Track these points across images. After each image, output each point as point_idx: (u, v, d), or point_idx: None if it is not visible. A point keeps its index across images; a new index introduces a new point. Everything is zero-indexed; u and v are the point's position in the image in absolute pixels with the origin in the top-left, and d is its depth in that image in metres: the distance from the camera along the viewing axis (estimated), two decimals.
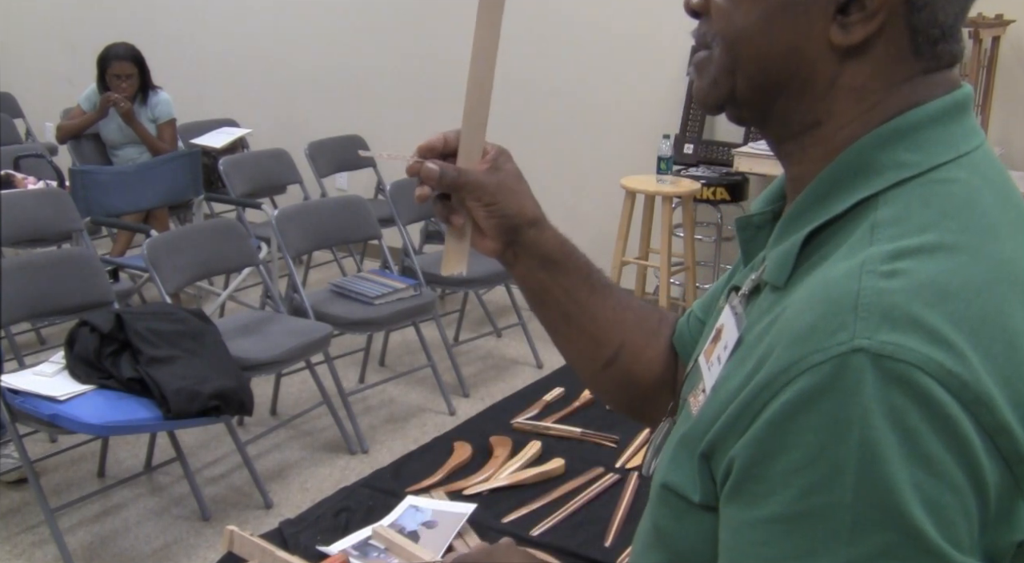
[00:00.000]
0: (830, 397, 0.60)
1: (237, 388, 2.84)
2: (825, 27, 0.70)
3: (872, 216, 0.68)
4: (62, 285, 3.02)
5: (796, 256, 0.71)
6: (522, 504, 1.79)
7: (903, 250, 0.64)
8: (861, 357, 0.59)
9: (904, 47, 0.70)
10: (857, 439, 0.59)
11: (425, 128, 5.00)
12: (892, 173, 0.69)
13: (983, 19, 3.57)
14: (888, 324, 0.60)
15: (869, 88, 0.71)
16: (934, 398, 0.59)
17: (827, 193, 0.71)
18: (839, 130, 0.72)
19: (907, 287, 0.62)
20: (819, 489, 0.60)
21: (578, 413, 2.18)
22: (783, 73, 0.73)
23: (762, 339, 0.68)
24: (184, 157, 4.49)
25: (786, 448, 0.61)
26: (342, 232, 3.93)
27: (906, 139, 0.70)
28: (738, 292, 0.79)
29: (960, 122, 0.72)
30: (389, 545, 1.58)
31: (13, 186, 4.07)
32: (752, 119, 0.78)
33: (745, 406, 0.65)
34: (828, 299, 0.63)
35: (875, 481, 0.59)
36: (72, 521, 2.96)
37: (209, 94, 5.91)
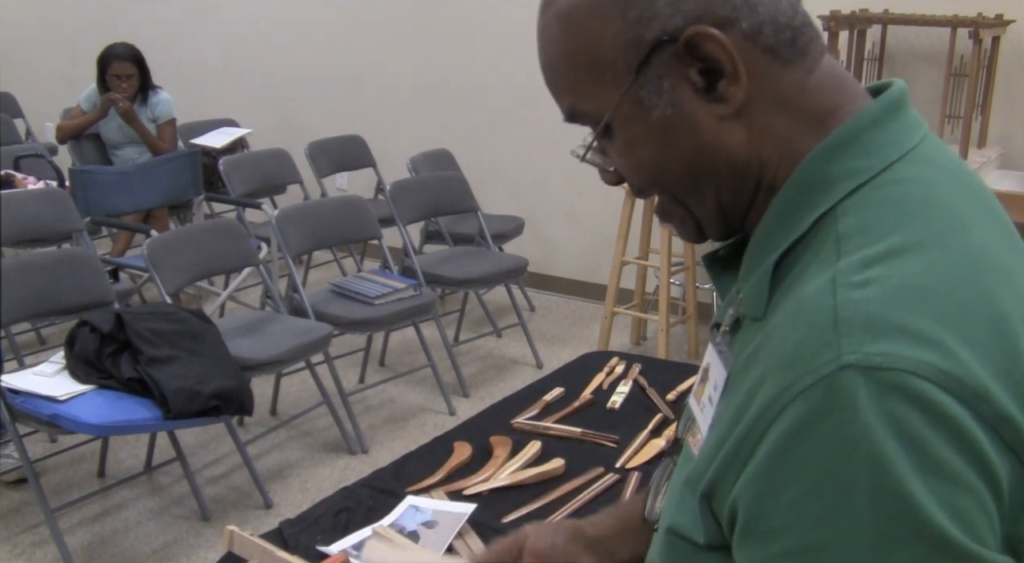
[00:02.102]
0: (828, 419, 0.59)
1: (237, 388, 2.84)
2: (707, 112, 0.72)
3: (835, 229, 0.68)
4: (62, 285, 3.02)
5: (769, 284, 0.71)
6: (522, 504, 1.78)
7: (872, 257, 0.64)
8: (851, 373, 0.59)
9: (773, 68, 0.71)
10: (864, 456, 0.58)
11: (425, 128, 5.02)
12: (845, 183, 0.69)
13: (983, 19, 3.57)
14: (871, 334, 0.60)
15: (775, 120, 0.72)
16: (932, 400, 0.58)
17: (786, 216, 0.72)
18: (778, 169, 0.73)
19: (883, 294, 0.61)
20: (834, 514, 0.59)
21: (578, 413, 2.18)
22: (709, 172, 0.74)
23: (748, 371, 0.67)
24: (184, 157, 4.49)
25: (792, 478, 0.60)
26: (342, 232, 3.93)
27: (852, 147, 0.70)
28: (719, 328, 0.78)
29: (900, 119, 0.72)
30: (389, 545, 1.58)
31: (13, 186, 4.07)
32: (720, 227, 0.78)
33: (741, 441, 0.64)
34: (806, 320, 0.63)
35: (890, 495, 0.57)
36: (72, 521, 2.96)
37: (209, 94, 5.91)
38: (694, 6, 0.70)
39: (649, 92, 0.72)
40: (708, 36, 0.69)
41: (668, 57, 0.71)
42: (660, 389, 2.28)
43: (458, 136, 5.12)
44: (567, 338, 4.54)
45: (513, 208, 4.93)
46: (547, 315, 4.86)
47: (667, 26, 0.70)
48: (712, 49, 0.70)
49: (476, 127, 5.16)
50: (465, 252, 4.32)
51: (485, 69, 5.11)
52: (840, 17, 3.71)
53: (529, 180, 5.08)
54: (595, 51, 0.73)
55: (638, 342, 4.49)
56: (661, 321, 4.00)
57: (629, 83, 0.72)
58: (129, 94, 4.56)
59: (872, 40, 3.95)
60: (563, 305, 5.00)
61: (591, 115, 0.76)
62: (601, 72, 0.73)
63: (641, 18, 0.71)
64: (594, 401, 2.24)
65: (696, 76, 0.71)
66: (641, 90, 0.72)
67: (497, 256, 4.32)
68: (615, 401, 2.22)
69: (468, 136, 5.15)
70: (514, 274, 4.20)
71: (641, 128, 0.74)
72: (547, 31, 0.76)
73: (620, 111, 0.74)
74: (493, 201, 4.93)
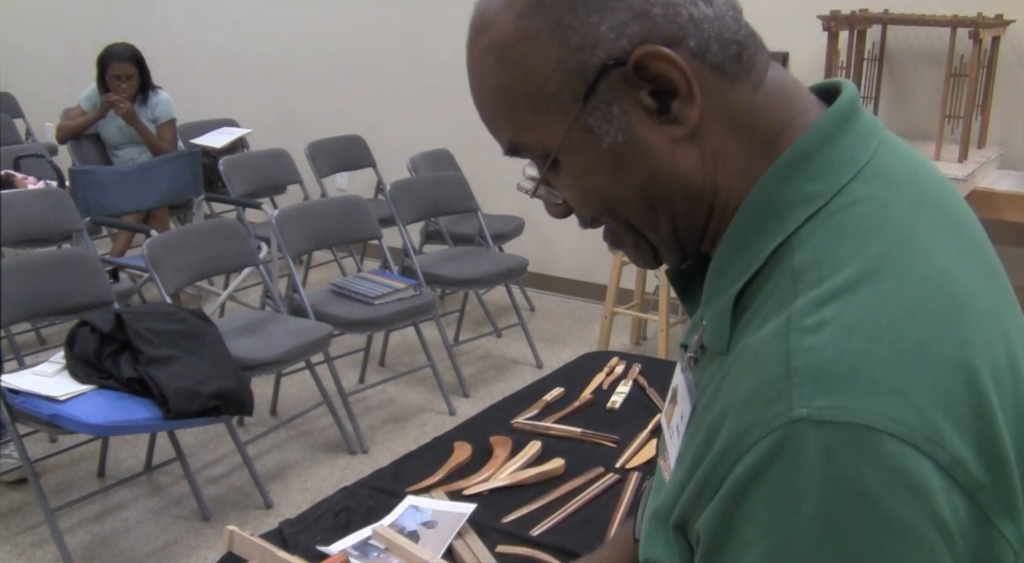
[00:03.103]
0: (776, 470, 0.59)
1: (237, 388, 2.84)
2: (661, 134, 0.69)
3: (791, 262, 0.66)
4: (62, 285, 3.02)
5: (730, 319, 0.70)
6: (522, 504, 1.79)
7: (826, 295, 0.63)
8: (802, 427, 0.58)
9: (722, 85, 0.69)
10: (807, 512, 0.58)
11: (425, 128, 5.03)
12: (799, 210, 0.68)
13: (983, 19, 3.57)
14: (823, 386, 0.59)
15: (726, 143, 0.70)
16: (885, 453, 0.57)
17: (743, 245, 0.70)
18: (730, 193, 0.71)
19: (835, 337, 0.60)
20: (774, 561, 0.59)
21: (578, 413, 2.18)
22: (663, 197, 0.72)
23: (711, 408, 0.67)
24: (184, 157, 4.49)
25: (741, 522, 0.61)
26: (342, 232, 3.93)
27: (802, 169, 0.69)
28: (687, 350, 0.77)
29: (852, 130, 0.70)
30: (389, 545, 1.58)
31: (13, 186, 4.07)
32: (676, 253, 0.76)
33: (705, 481, 0.64)
34: (761, 366, 0.62)
35: (831, 550, 0.57)
36: (72, 521, 2.96)
37: (209, 94, 5.91)
38: (638, 28, 0.68)
39: (598, 119, 0.70)
40: (659, 55, 0.67)
41: (616, 81, 0.69)
42: (660, 389, 2.28)
43: (458, 136, 5.11)
44: (567, 338, 4.54)
45: (513, 208, 4.93)
46: (547, 315, 4.86)
47: (612, 50, 0.68)
48: (664, 69, 0.67)
49: (476, 127, 5.13)
50: (465, 252, 4.32)
51: None
52: (840, 17, 3.71)
53: None
54: (535, 82, 0.70)
55: (638, 342, 4.49)
56: (661, 321, 4.00)
57: (577, 112, 0.70)
58: (129, 94, 4.56)
59: (872, 40, 3.95)
60: (563, 305, 5.00)
61: (535, 148, 0.74)
62: (544, 103, 0.71)
63: (583, 45, 0.68)
64: (594, 401, 2.24)
65: (648, 98, 0.69)
66: (589, 118, 0.70)
67: (497, 256, 4.32)
68: (615, 401, 2.22)
69: (468, 136, 5.14)
70: (514, 274, 4.20)
71: (592, 157, 0.71)
72: (479, 63, 0.74)
73: (568, 141, 0.71)
74: (493, 201, 4.93)
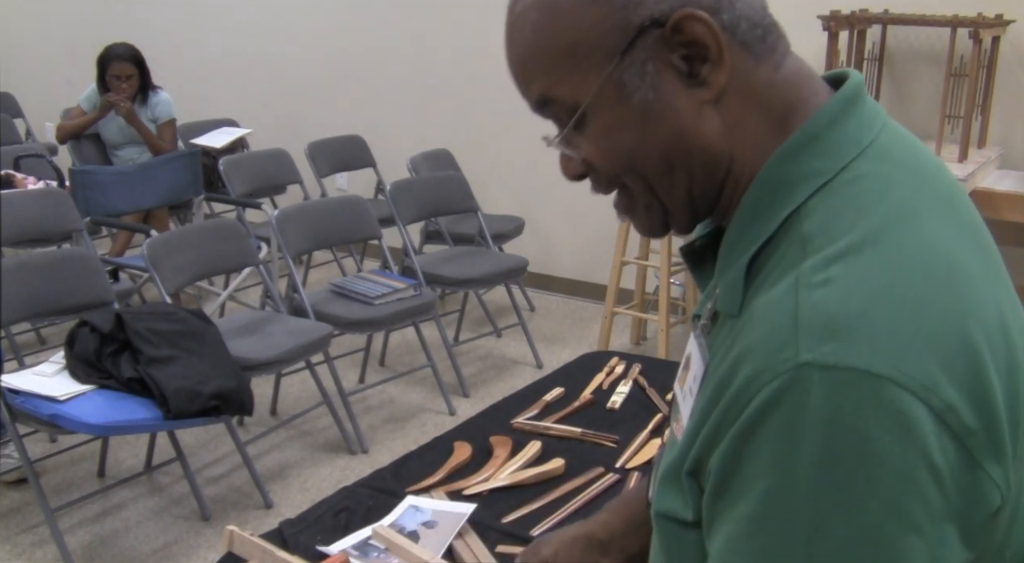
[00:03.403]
0: (781, 411, 0.64)
1: (237, 388, 2.84)
2: (688, 97, 0.74)
3: (800, 229, 0.71)
4: (62, 285, 3.02)
5: (743, 284, 0.74)
6: (522, 504, 1.78)
7: (832, 256, 0.68)
8: (807, 370, 0.63)
9: (747, 62, 0.74)
10: (810, 449, 0.62)
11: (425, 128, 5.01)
12: (807, 184, 0.73)
13: (983, 19, 3.57)
14: (827, 334, 0.64)
15: (746, 115, 0.75)
16: (883, 396, 0.62)
17: (755, 216, 0.75)
18: (745, 163, 0.76)
19: (840, 293, 0.65)
20: (776, 495, 0.64)
21: (578, 413, 2.18)
22: (685, 158, 0.76)
23: (722, 365, 0.71)
24: (184, 157, 4.49)
25: (747, 458, 0.66)
26: (342, 232, 3.93)
27: (810, 148, 0.73)
28: (699, 320, 0.81)
29: (856, 113, 0.75)
30: (389, 545, 1.58)
31: (13, 186, 4.07)
32: (688, 217, 0.80)
33: (719, 423, 0.68)
34: (771, 318, 0.67)
35: (829, 485, 0.62)
36: (72, 521, 2.96)
37: (209, 94, 5.91)
38: None
39: (632, 76, 0.73)
40: (697, 18, 0.72)
41: (653, 41, 0.73)
42: (660, 389, 2.28)
43: (458, 136, 5.12)
44: (567, 338, 4.54)
45: (513, 208, 4.93)
46: (547, 315, 4.86)
47: (654, 11, 0.72)
48: (699, 32, 0.72)
49: (476, 127, 5.16)
50: (465, 252, 4.32)
51: (485, 69, 5.10)
52: (840, 17, 3.71)
53: (529, 180, 5.08)
54: (576, 36, 0.74)
55: (638, 342, 4.49)
56: (661, 321, 4.00)
57: (612, 67, 0.73)
58: (129, 94, 4.56)
59: (872, 40, 3.95)
60: (563, 305, 5.00)
61: (564, 102, 0.77)
62: (582, 57, 0.74)
63: (628, 3, 0.72)
64: (594, 401, 2.24)
65: (679, 61, 0.73)
66: (624, 74, 0.74)
67: (497, 256, 4.32)
68: (615, 401, 2.22)
69: (468, 136, 5.15)
70: (514, 274, 4.20)
71: (620, 112, 0.75)
72: (524, 18, 0.77)
73: (599, 96, 0.75)
74: (493, 201, 4.93)
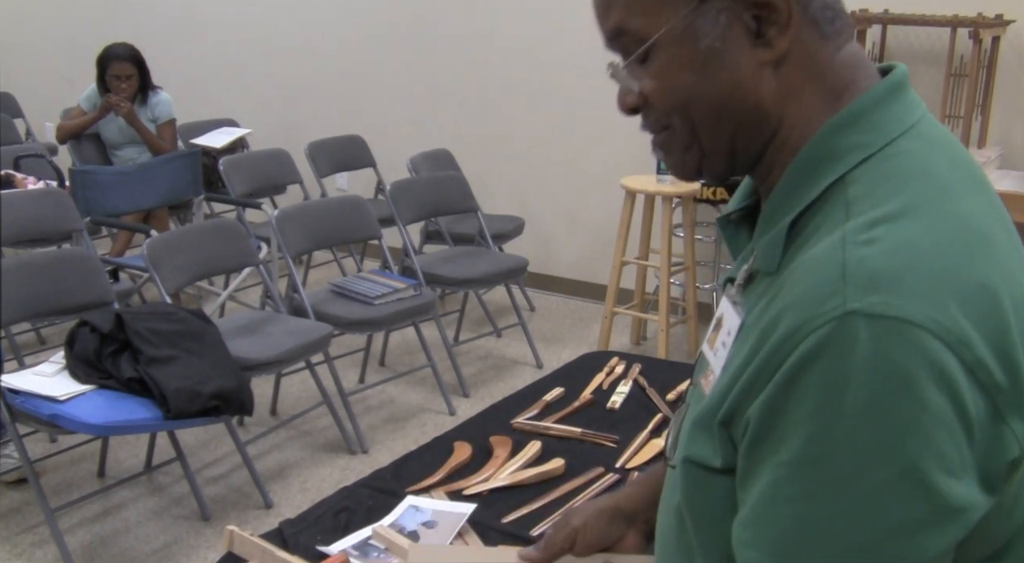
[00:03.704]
0: (828, 356, 0.67)
1: (237, 388, 2.84)
2: (751, 54, 0.79)
3: (844, 195, 0.76)
4: (62, 285, 3.02)
5: (784, 242, 0.79)
6: (522, 504, 1.78)
7: (875, 219, 0.72)
8: (854, 318, 0.67)
9: (814, 37, 0.80)
10: (855, 392, 0.66)
11: (425, 128, 5.00)
12: (853, 155, 0.78)
13: (983, 19, 3.57)
14: (873, 286, 0.68)
15: (802, 85, 0.80)
16: (923, 345, 0.66)
17: (800, 182, 0.80)
18: (793, 129, 0.81)
19: (884, 251, 0.70)
20: (824, 436, 0.68)
21: (578, 413, 2.18)
22: (736, 112, 0.81)
23: (762, 318, 0.75)
24: (184, 157, 4.49)
25: (793, 402, 0.69)
26: (342, 232, 3.93)
27: (858, 124, 0.79)
28: (734, 283, 0.85)
29: (901, 99, 0.81)
30: (389, 545, 1.58)
31: (13, 186, 4.07)
32: (724, 167, 0.85)
33: (758, 374, 0.72)
34: (818, 271, 0.71)
35: (873, 426, 0.66)
36: (72, 521, 2.96)
37: (209, 94, 5.91)
38: None
39: (705, 22, 0.78)
40: None
41: None
42: (660, 389, 2.28)
43: (458, 136, 5.12)
44: (567, 338, 4.54)
45: (513, 208, 4.93)
46: (547, 315, 4.86)
47: None
48: None
49: (476, 127, 5.16)
50: (465, 252, 4.32)
51: (485, 69, 5.10)
52: None
53: (529, 180, 5.08)
54: None
55: (638, 342, 4.49)
56: (661, 321, 4.00)
57: (690, 9, 0.78)
58: (129, 94, 4.56)
59: (872, 40, 3.95)
60: (563, 305, 5.00)
61: (636, 34, 0.81)
62: None
63: None
64: (594, 401, 2.23)
65: (749, 20, 0.78)
66: (699, 18, 0.78)
67: (497, 256, 4.32)
68: (615, 401, 2.22)
69: (468, 136, 5.15)
70: (514, 274, 4.20)
71: (687, 53, 0.79)
72: None
73: (671, 33, 0.79)
74: (493, 201, 4.93)
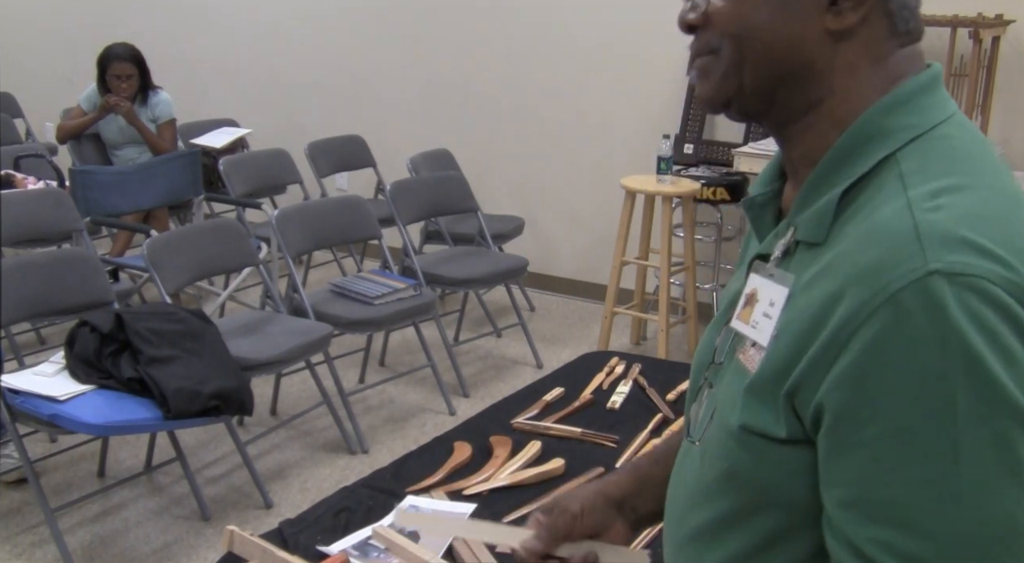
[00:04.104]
0: (920, 317, 0.69)
1: (237, 388, 2.84)
2: (821, 16, 0.81)
3: (896, 169, 0.78)
4: (62, 285, 3.02)
5: (833, 213, 0.80)
6: (522, 504, 1.78)
7: (938, 190, 0.75)
8: (937, 278, 0.69)
9: (884, 28, 0.82)
10: (956, 347, 0.68)
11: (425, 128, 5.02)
12: (902, 134, 0.80)
13: (983, 19, 3.57)
14: (949, 247, 0.70)
15: (860, 65, 0.83)
16: (1002, 301, 0.69)
17: (846, 158, 0.81)
18: (840, 104, 0.83)
19: (953, 217, 0.72)
20: (928, 397, 0.69)
21: (578, 413, 2.18)
22: (786, 62, 0.83)
23: (816, 287, 0.77)
24: (184, 157, 4.49)
25: (887, 369, 0.70)
26: (342, 232, 3.93)
27: (906, 106, 0.81)
28: (765, 260, 0.86)
29: (940, 91, 0.84)
30: (389, 545, 1.58)
31: (13, 186, 4.07)
32: (757, 110, 0.87)
33: (827, 345, 0.73)
34: (888, 236, 0.73)
35: (980, 379, 0.68)
36: (72, 521, 2.96)
37: (209, 94, 5.91)
38: None
39: None
40: None
41: None
42: (660, 389, 2.28)
43: (458, 136, 5.12)
44: (567, 338, 4.54)
45: (513, 208, 4.93)
46: (547, 315, 4.86)
47: None
48: None
49: (476, 127, 5.16)
50: (465, 252, 4.32)
51: (485, 69, 5.10)
52: None
53: (529, 180, 5.08)
54: None
55: (638, 342, 4.49)
56: (661, 321, 4.00)
57: None
58: (129, 94, 4.56)
59: None
60: (563, 305, 5.00)
61: None
62: None
63: None
64: (594, 401, 2.24)
65: None
66: None
67: (497, 256, 4.32)
68: (615, 401, 2.22)
69: (468, 136, 5.15)
70: (514, 274, 4.20)
71: None
72: None
73: None
74: (493, 201, 4.93)
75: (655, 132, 4.27)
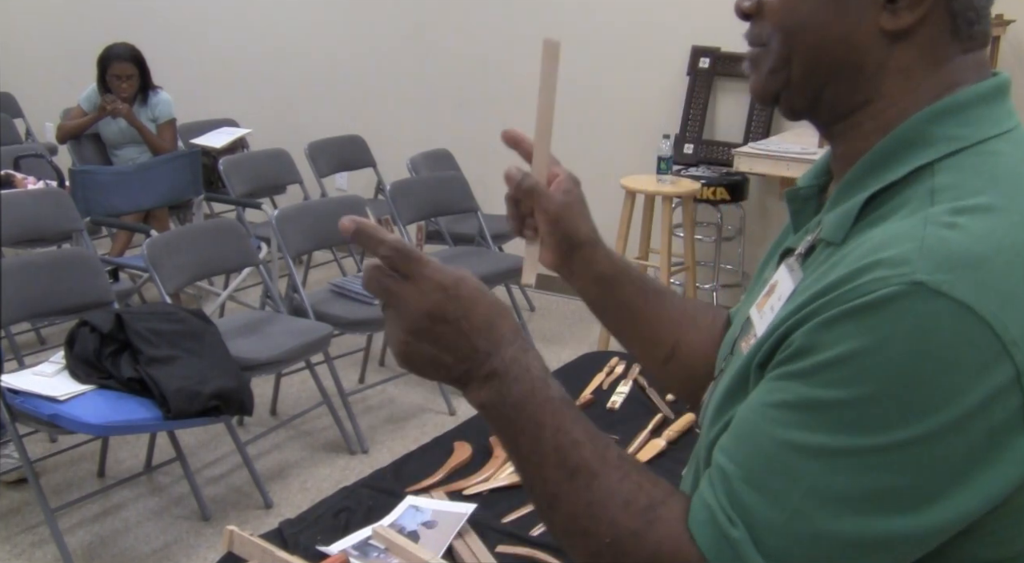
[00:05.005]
0: (885, 312, 0.68)
1: (237, 388, 2.84)
2: (876, 14, 0.78)
3: (930, 182, 0.75)
4: (62, 285, 3.02)
5: (856, 216, 0.78)
6: (522, 504, 1.78)
7: (961, 208, 0.71)
8: (919, 289, 0.67)
9: (945, 30, 0.78)
10: (898, 351, 0.67)
11: (425, 128, 5.01)
12: (945, 145, 0.77)
13: None
14: (946, 266, 0.68)
15: (915, 68, 0.79)
16: (975, 336, 0.67)
17: (883, 162, 0.79)
18: (888, 107, 0.80)
19: (965, 238, 0.69)
20: (844, 386, 0.69)
21: None
22: (836, 60, 0.80)
23: (822, 279, 0.75)
24: (184, 157, 4.49)
25: (837, 343, 0.69)
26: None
27: (957, 115, 0.78)
28: (792, 253, 0.86)
29: (1002, 104, 0.80)
30: (389, 545, 1.58)
31: (13, 186, 4.07)
32: (804, 107, 0.84)
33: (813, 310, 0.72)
34: (896, 242, 0.71)
35: (898, 393, 0.67)
36: (72, 521, 2.96)
37: (209, 94, 5.91)
38: None
39: None
40: None
41: None
42: (660, 389, 2.28)
43: (458, 136, 5.12)
44: (567, 338, 4.54)
45: None
46: (547, 315, 4.86)
47: None
48: None
49: (476, 127, 5.16)
50: (465, 252, 4.32)
51: (485, 69, 5.11)
52: None
53: None
54: None
55: None
56: None
57: None
58: (129, 94, 4.56)
59: None
60: (563, 305, 5.00)
61: None
62: None
63: None
64: (594, 401, 2.24)
65: None
66: None
67: (497, 256, 4.32)
68: (615, 401, 2.22)
69: (468, 136, 5.15)
70: (514, 274, 4.20)
71: None
72: None
73: None
74: (493, 201, 4.93)
75: (655, 132, 4.27)
